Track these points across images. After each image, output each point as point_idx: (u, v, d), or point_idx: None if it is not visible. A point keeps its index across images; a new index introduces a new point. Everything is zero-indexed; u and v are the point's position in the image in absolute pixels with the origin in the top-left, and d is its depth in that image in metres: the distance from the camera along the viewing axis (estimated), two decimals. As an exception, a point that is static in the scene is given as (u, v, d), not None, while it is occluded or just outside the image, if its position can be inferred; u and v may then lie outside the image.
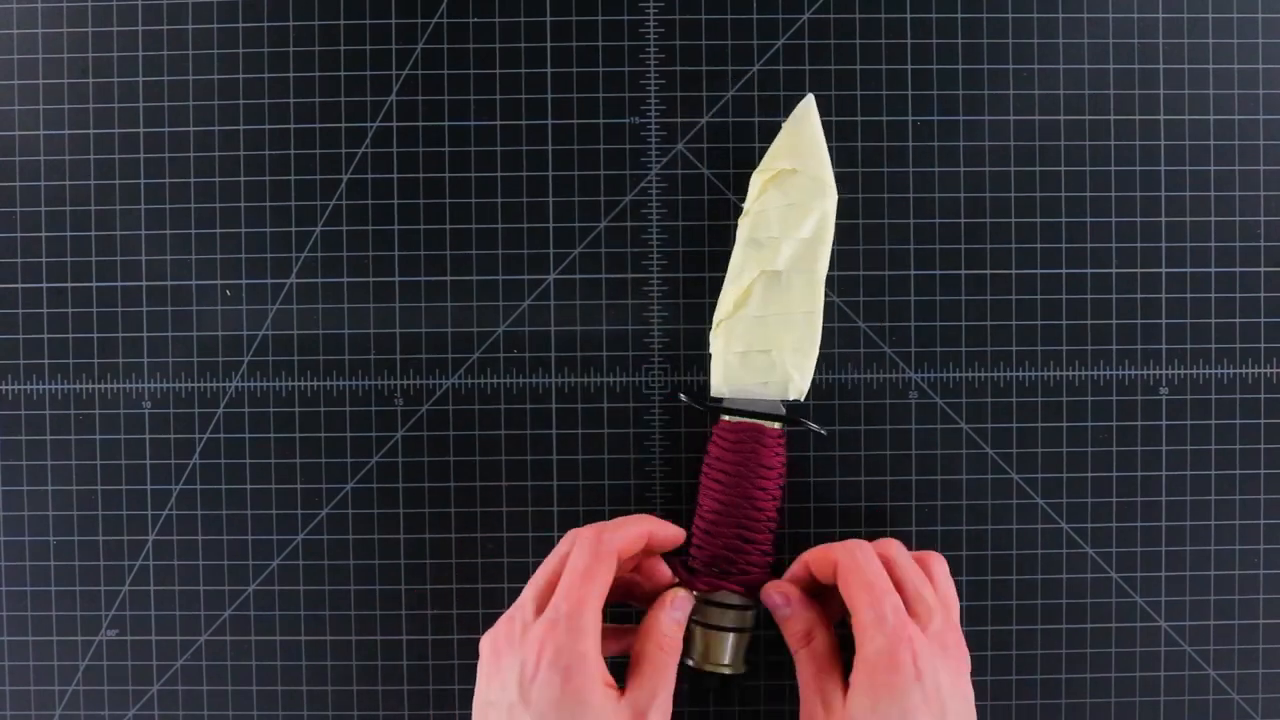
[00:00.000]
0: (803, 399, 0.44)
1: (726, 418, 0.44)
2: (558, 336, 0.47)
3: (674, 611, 0.41)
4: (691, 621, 0.42)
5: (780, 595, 0.42)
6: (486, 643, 0.39)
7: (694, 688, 0.46)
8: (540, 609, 0.38)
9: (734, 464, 0.43)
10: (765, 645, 0.47)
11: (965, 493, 0.47)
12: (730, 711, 0.47)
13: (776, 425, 0.43)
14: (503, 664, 0.38)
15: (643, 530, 0.41)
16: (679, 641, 0.40)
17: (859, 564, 0.40)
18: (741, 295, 0.44)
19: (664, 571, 0.43)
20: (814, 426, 0.45)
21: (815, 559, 0.42)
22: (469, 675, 0.47)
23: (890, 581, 0.39)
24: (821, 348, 0.47)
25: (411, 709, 0.47)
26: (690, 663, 0.42)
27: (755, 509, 0.43)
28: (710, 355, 0.45)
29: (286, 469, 0.47)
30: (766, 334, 0.44)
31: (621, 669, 0.39)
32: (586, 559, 0.39)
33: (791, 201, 0.44)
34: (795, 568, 0.43)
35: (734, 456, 0.43)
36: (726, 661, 0.42)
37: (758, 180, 0.44)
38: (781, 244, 0.44)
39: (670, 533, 0.42)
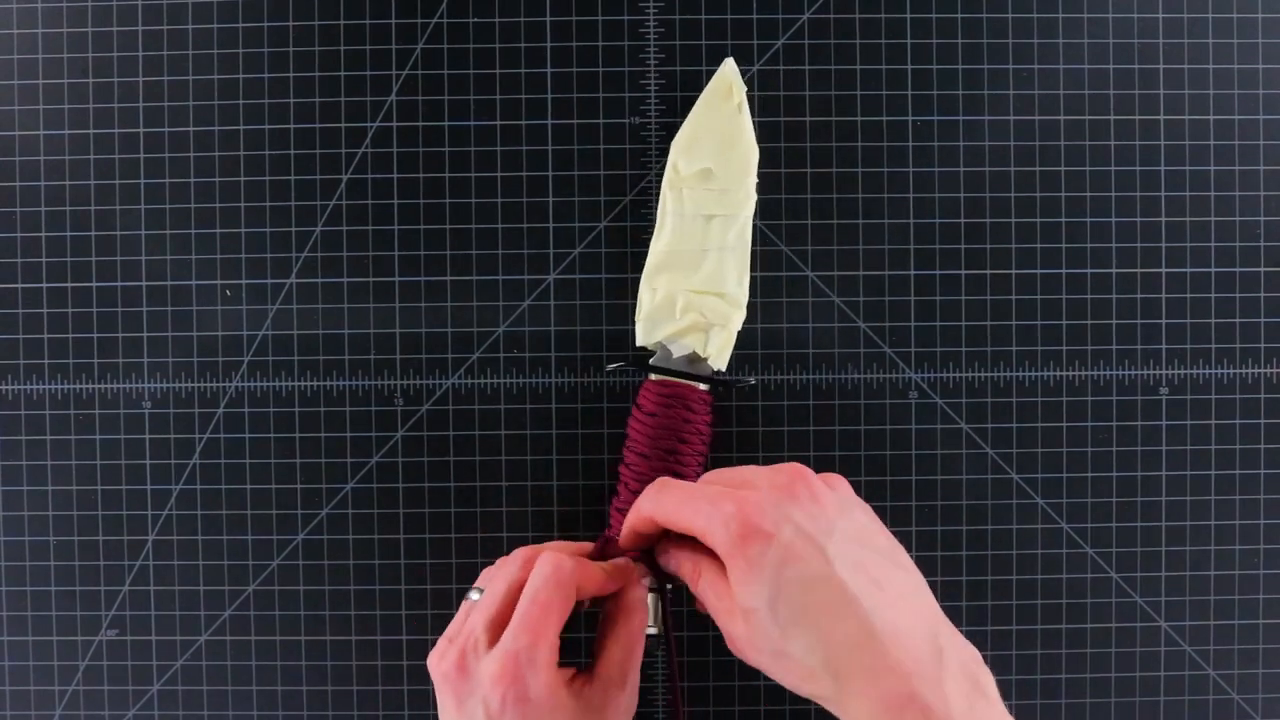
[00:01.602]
0: (722, 368, 0.44)
1: (654, 376, 0.44)
2: (558, 336, 0.47)
3: (634, 596, 0.40)
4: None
5: (661, 555, 0.40)
6: (437, 671, 0.37)
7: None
8: (493, 639, 0.37)
9: (660, 422, 0.43)
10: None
11: (965, 493, 0.47)
12: (730, 711, 0.47)
13: (703, 386, 0.44)
14: (465, 702, 0.36)
15: (603, 579, 0.39)
16: (637, 632, 0.40)
17: (660, 492, 0.38)
18: (670, 255, 0.44)
19: (621, 572, 0.41)
20: (740, 379, 0.45)
21: (635, 520, 0.39)
22: (469, 675, 0.47)
23: (699, 487, 0.37)
24: (821, 348, 0.47)
25: (411, 709, 0.47)
26: None
27: (678, 463, 0.43)
28: (638, 304, 0.45)
29: (286, 469, 0.47)
30: (691, 293, 0.44)
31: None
32: (547, 591, 0.37)
33: (714, 203, 0.44)
34: (627, 540, 0.40)
35: (662, 414, 0.43)
36: (649, 623, 0.42)
37: (680, 177, 0.44)
38: (723, 220, 0.44)
39: (619, 573, 0.41)
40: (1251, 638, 0.47)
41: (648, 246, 0.47)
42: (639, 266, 0.46)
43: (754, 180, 0.44)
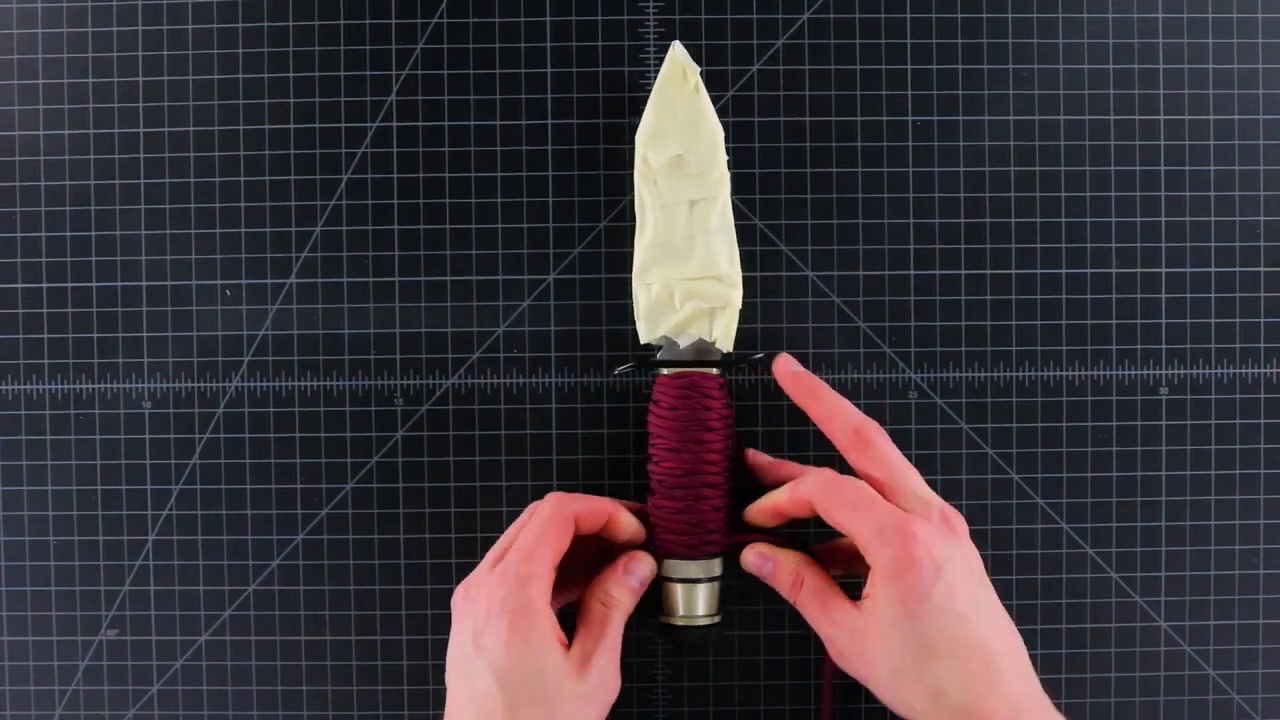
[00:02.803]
0: (730, 344, 0.44)
1: (664, 372, 0.44)
2: (558, 336, 0.47)
3: (625, 575, 0.41)
4: (663, 579, 0.43)
5: (756, 556, 0.42)
6: (452, 606, 0.41)
7: (680, 644, 0.46)
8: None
9: (680, 414, 0.43)
10: (764, 646, 0.47)
11: (965, 493, 0.47)
12: (731, 711, 0.47)
13: (715, 370, 0.44)
14: (461, 622, 0.39)
15: (605, 508, 0.41)
16: (624, 601, 0.41)
17: (834, 488, 0.39)
18: (658, 249, 0.44)
19: (633, 530, 0.42)
20: (752, 356, 0.45)
21: (787, 501, 0.41)
22: (469, 675, 0.47)
23: (873, 491, 0.39)
24: (821, 348, 0.47)
25: (411, 709, 0.47)
26: (669, 620, 0.43)
27: (708, 452, 0.43)
28: (634, 303, 0.45)
29: (286, 469, 0.47)
30: (686, 282, 0.44)
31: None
32: (542, 519, 0.40)
33: (692, 188, 0.44)
34: (762, 514, 0.42)
35: (679, 407, 0.43)
36: (701, 613, 0.43)
37: (651, 169, 0.44)
38: (695, 206, 0.44)
39: (633, 525, 0.42)
40: (1251, 638, 0.47)
41: (648, 246, 0.47)
42: (639, 266, 0.46)
43: (725, 159, 0.44)
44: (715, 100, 0.46)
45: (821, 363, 0.47)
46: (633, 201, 0.47)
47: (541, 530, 0.39)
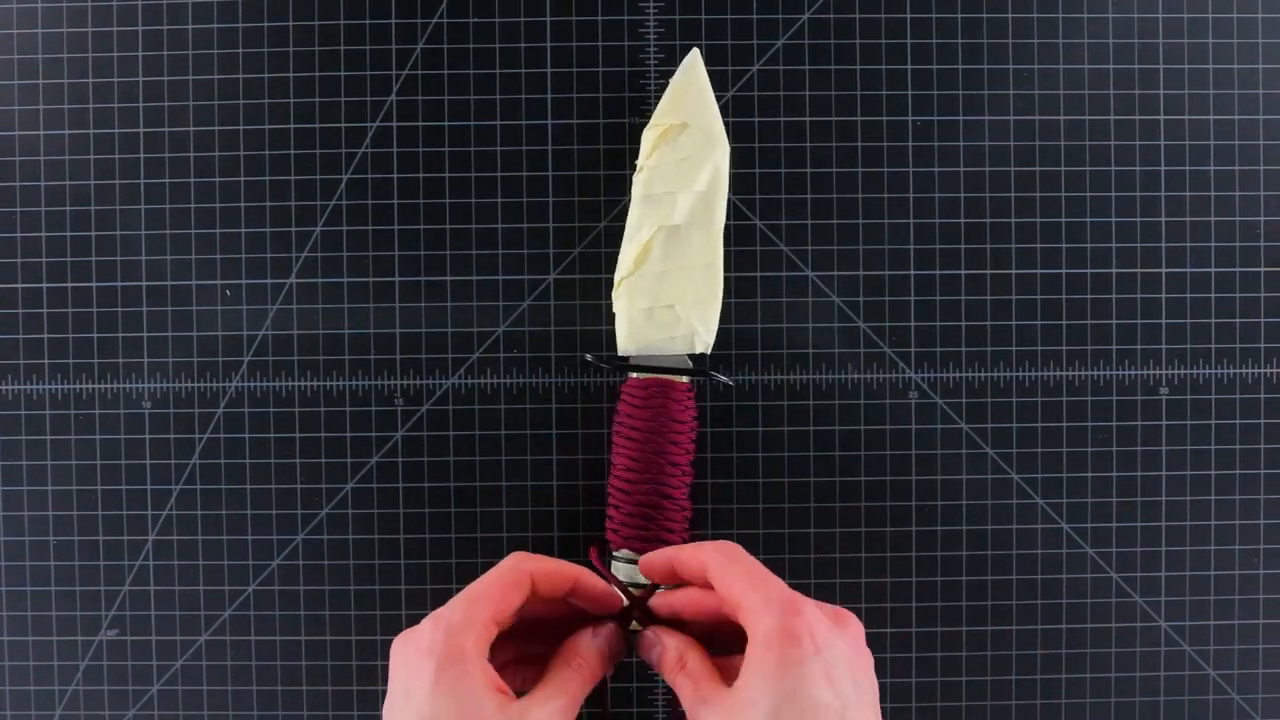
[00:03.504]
0: (709, 351, 0.44)
1: (634, 375, 0.44)
2: (558, 336, 0.47)
3: (594, 638, 0.39)
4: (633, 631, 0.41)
5: (645, 640, 0.39)
6: (391, 652, 0.38)
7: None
8: None
9: (645, 420, 0.43)
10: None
11: (965, 493, 0.47)
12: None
13: (684, 379, 0.44)
14: (395, 669, 0.37)
15: (569, 572, 0.39)
16: (594, 665, 0.38)
17: (734, 555, 0.37)
18: (641, 252, 0.44)
19: (604, 597, 0.40)
20: (721, 377, 0.45)
21: (682, 559, 0.39)
22: (469, 675, 0.47)
23: (765, 570, 0.37)
24: (821, 348, 0.47)
25: (411, 709, 0.47)
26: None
27: (670, 464, 0.43)
28: (615, 314, 0.45)
29: (286, 469, 0.47)
30: (669, 289, 0.44)
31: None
32: (495, 573, 0.37)
33: (684, 156, 0.44)
34: (653, 567, 0.40)
35: (645, 413, 0.43)
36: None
37: (649, 136, 0.44)
38: (678, 198, 0.44)
39: (603, 591, 0.40)
40: (1251, 638, 0.47)
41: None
42: (639, 266, 0.46)
43: (725, 183, 0.44)
44: (715, 100, 0.46)
45: (822, 363, 0.47)
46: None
47: (490, 581, 0.37)
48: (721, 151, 0.44)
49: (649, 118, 0.46)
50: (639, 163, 0.44)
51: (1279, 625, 0.47)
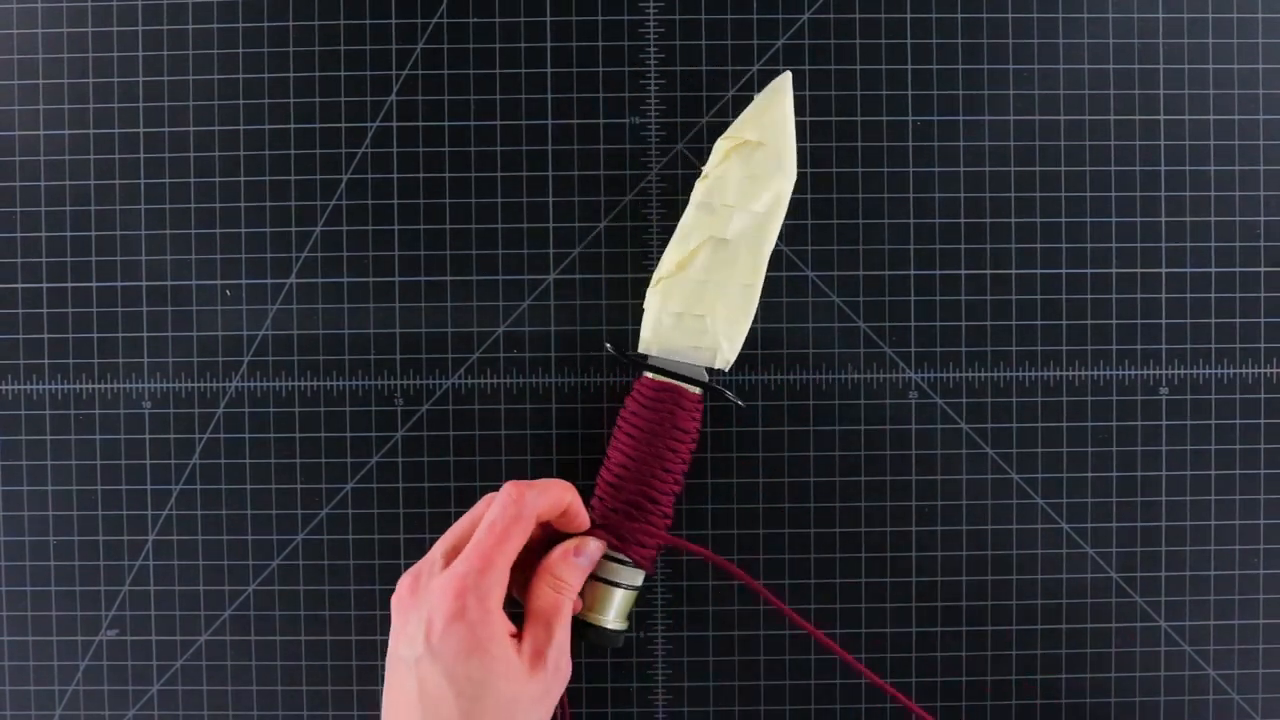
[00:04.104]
0: (728, 369, 0.44)
1: (649, 374, 0.44)
2: (558, 336, 0.47)
3: (578, 558, 0.41)
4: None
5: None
6: (394, 600, 0.39)
7: (578, 639, 0.43)
8: (449, 563, 0.38)
9: (650, 421, 0.43)
10: (764, 646, 0.47)
11: (965, 493, 0.47)
12: (730, 711, 0.47)
13: (697, 390, 0.43)
14: (409, 617, 0.38)
15: (564, 499, 0.40)
16: (575, 584, 0.40)
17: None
18: (686, 257, 0.44)
19: (585, 518, 0.42)
20: (733, 398, 0.45)
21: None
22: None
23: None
24: (821, 348, 0.47)
25: (411, 709, 0.47)
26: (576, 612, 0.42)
27: (663, 469, 0.43)
28: (645, 309, 0.44)
29: (286, 469, 0.47)
30: (704, 299, 0.44)
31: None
32: (504, 518, 0.38)
33: (751, 174, 0.43)
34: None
35: (651, 414, 0.43)
36: (610, 617, 0.42)
37: (721, 146, 0.44)
38: (734, 213, 0.43)
39: (584, 513, 0.42)
40: (1251, 638, 0.47)
41: (648, 247, 0.47)
42: (639, 267, 0.46)
43: (783, 213, 0.44)
44: (715, 100, 0.46)
45: (822, 363, 0.47)
46: (633, 201, 0.47)
47: (502, 531, 0.38)
48: (788, 180, 0.43)
49: (650, 118, 0.47)
50: (705, 170, 0.44)
51: (1279, 625, 0.47)
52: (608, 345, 0.45)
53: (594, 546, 0.42)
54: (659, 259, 0.46)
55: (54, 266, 0.47)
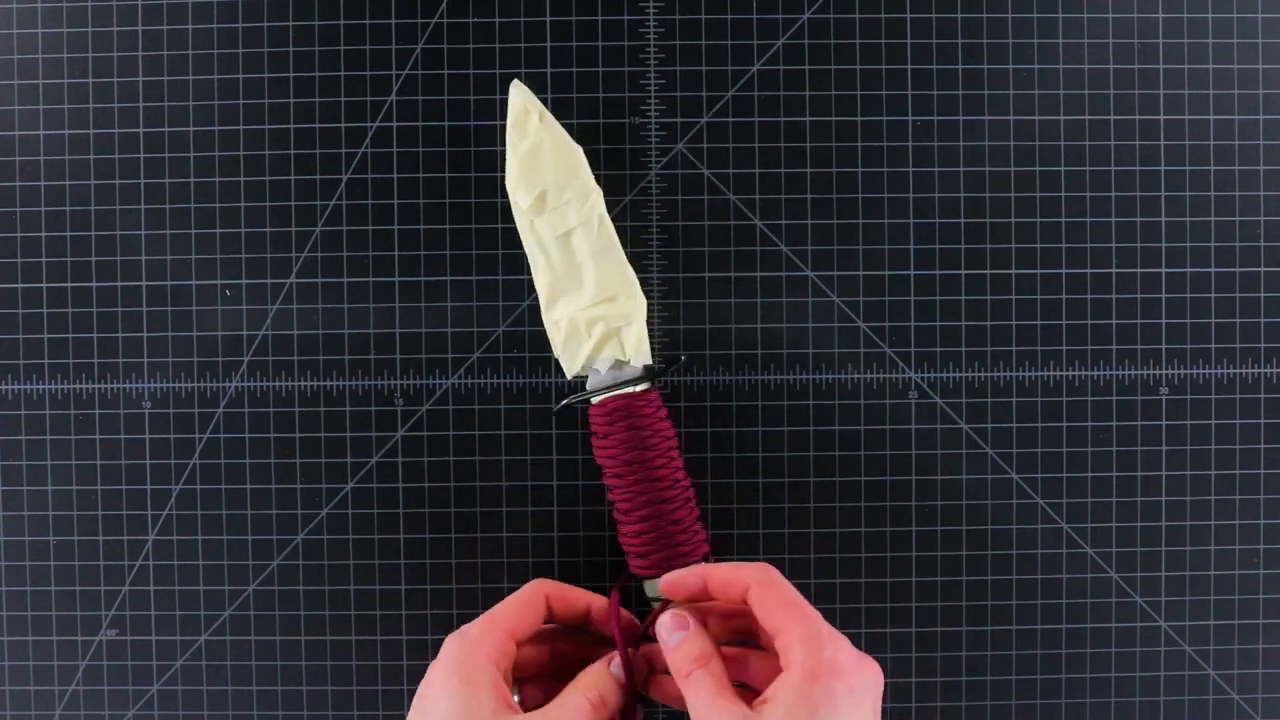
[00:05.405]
0: (649, 357, 0.44)
1: (594, 400, 0.44)
2: (558, 336, 0.47)
3: (609, 667, 0.40)
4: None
5: (677, 619, 0.39)
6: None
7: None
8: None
9: (621, 442, 0.43)
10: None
11: (965, 493, 0.47)
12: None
13: (642, 387, 0.44)
14: (425, 679, 0.39)
15: (584, 599, 0.41)
16: (605, 692, 0.39)
17: (777, 583, 0.38)
18: (553, 286, 0.44)
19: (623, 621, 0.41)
20: (675, 366, 0.45)
21: (720, 579, 0.39)
22: (469, 675, 0.47)
23: (805, 601, 0.38)
24: (821, 348, 0.47)
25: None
26: None
27: (657, 477, 0.43)
28: (552, 344, 0.45)
29: (286, 469, 0.47)
30: (583, 293, 0.44)
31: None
32: (514, 595, 0.40)
33: (561, 220, 0.44)
34: (680, 583, 0.40)
35: (619, 435, 0.43)
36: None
37: (523, 212, 0.44)
38: (572, 235, 0.44)
39: (582, 604, 0.41)
40: (1251, 638, 0.47)
41: (648, 247, 0.47)
42: (639, 267, 0.46)
43: (588, 176, 0.44)
44: (715, 100, 0.46)
45: (822, 363, 0.47)
46: (633, 201, 0.47)
47: (509, 602, 0.40)
48: (596, 196, 0.44)
49: (650, 118, 0.47)
50: (515, 212, 0.44)
51: (1279, 625, 0.47)
52: (557, 408, 0.46)
53: (616, 667, 0.40)
54: (659, 259, 0.46)
55: (54, 266, 0.47)
